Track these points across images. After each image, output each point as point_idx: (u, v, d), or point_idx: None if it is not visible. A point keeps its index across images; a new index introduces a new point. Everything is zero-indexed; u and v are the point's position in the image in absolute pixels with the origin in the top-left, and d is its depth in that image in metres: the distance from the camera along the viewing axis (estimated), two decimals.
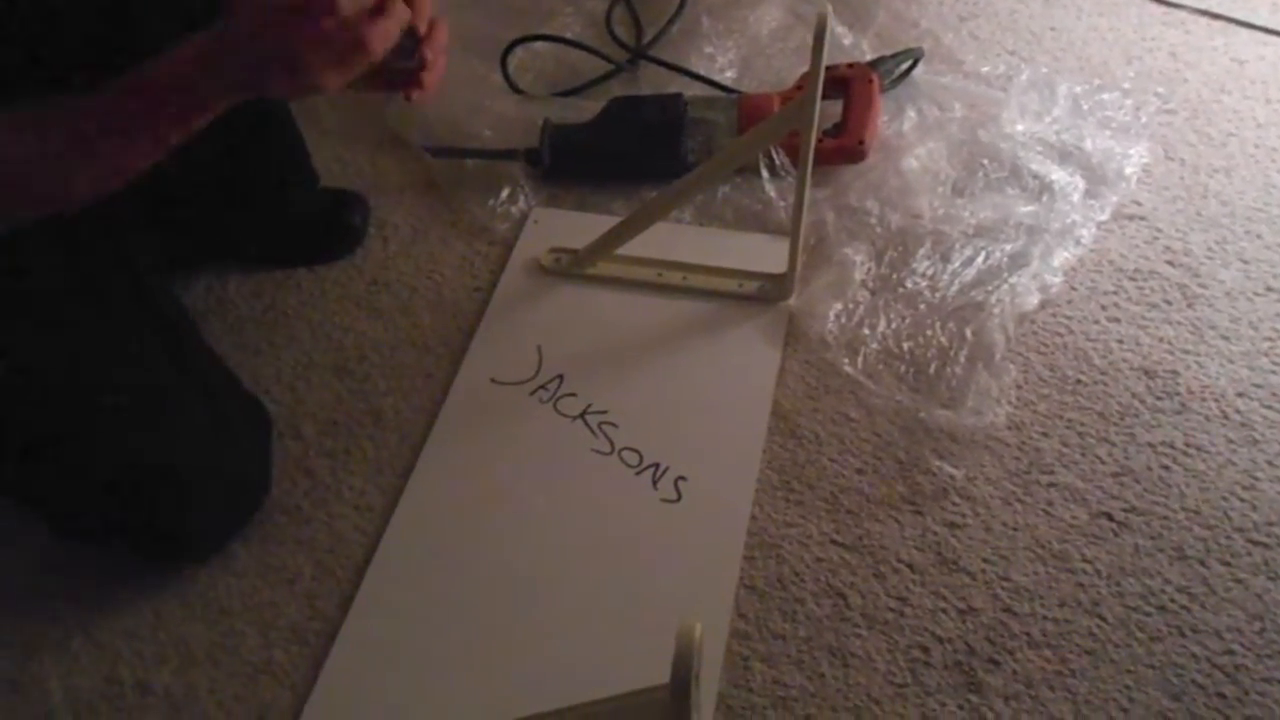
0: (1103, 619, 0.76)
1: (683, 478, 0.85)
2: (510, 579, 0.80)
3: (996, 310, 0.94)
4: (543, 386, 0.92)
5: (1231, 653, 0.74)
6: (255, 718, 0.74)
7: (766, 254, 1.00)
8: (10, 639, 0.79)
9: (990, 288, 0.96)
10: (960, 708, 0.72)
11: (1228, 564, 0.79)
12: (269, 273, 1.03)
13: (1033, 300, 0.96)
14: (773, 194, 1.05)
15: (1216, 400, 0.89)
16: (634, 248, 0.99)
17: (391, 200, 1.10)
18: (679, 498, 0.84)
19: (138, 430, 0.75)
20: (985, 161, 1.07)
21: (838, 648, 0.76)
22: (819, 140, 0.96)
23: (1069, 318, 0.96)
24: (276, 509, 0.85)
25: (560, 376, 0.93)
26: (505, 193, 1.08)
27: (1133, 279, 0.99)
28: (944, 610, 0.77)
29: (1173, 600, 0.77)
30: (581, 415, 0.90)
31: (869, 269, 0.99)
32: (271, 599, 0.80)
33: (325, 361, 0.96)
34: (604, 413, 0.90)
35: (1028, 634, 0.76)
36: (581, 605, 0.78)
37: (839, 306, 0.96)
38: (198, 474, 0.77)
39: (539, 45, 1.21)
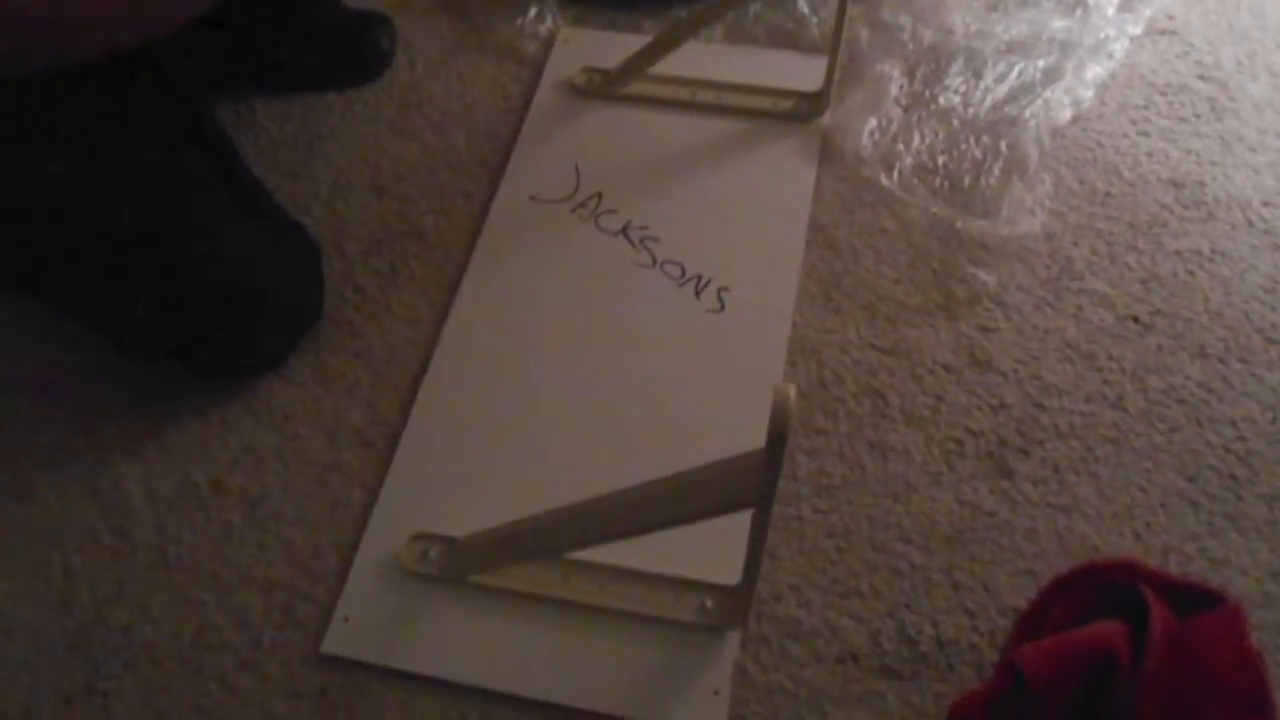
0: (1126, 412, 0.81)
1: (725, 289, 0.87)
2: (560, 385, 0.83)
3: (1031, 124, 0.95)
4: (582, 204, 0.93)
5: (1244, 439, 0.79)
6: (328, 510, 0.78)
7: (800, 72, 1.00)
8: (81, 445, 0.82)
9: (1024, 103, 0.96)
10: (991, 492, 0.77)
11: (1245, 361, 0.83)
12: (298, 96, 1.02)
13: (1065, 114, 0.96)
14: (805, 10, 1.04)
15: (1242, 209, 0.91)
16: (666, 67, 0.98)
17: (416, 22, 1.08)
18: (722, 308, 0.87)
19: (200, 249, 0.77)
20: None
21: (877, 441, 0.80)
22: None
23: (1099, 132, 0.97)
24: (329, 323, 0.87)
25: (599, 194, 0.94)
26: (532, 12, 1.06)
27: (1163, 93, 0.99)
28: (977, 407, 0.81)
29: (1192, 394, 0.82)
30: (623, 230, 0.91)
31: (902, 85, 0.99)
32: (333, 406, 0.83)
33: (362, 182, 0.96)
34: (644, 228, 0.91)
35: (1055, 426, 0.80)
36: (630, 409, 0.82)
37: (873, 123, 0.96)
38: (257, 291, 0.79)
39: None
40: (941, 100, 0.98)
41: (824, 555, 0.75)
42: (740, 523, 0.59)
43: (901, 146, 0.95)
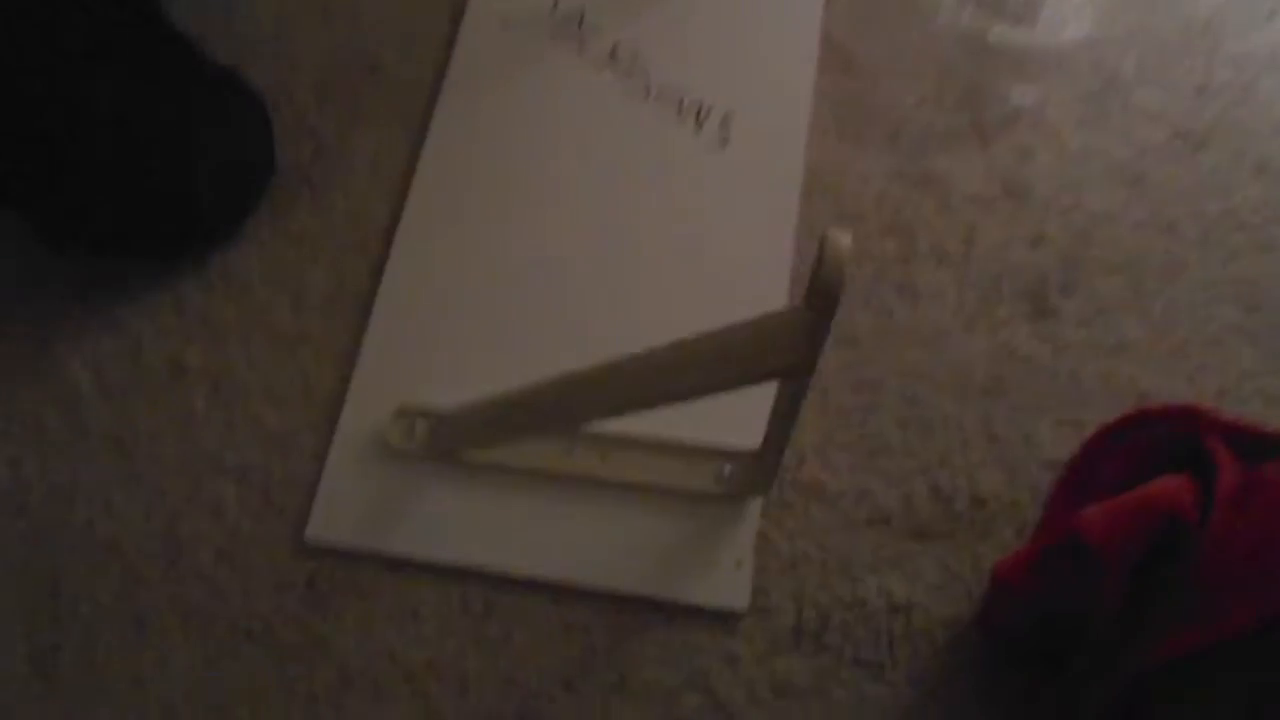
0: (1179, 239, 0.73)
1: (729, 117, 0.77)
2: (548, 239, 0.74)
3: None
4: (562, 25, 0.82)
5: None
6: (299, 386, 0.71)
7: None
8: (18, 331, 0.73)
9: None
10: (1032, 335, 0.70)
11: None
12: None
13: None
14: None
15: None
16: None
17: None
18: (726, 142, 0.77)
19: (120, 115, 0.66)
20: None
21: (905, 284, 0.72)
22: None
23: None
24: (284, 179, 0.77)
25: (581, 12, 0.82)
26: None
27: None
28: (1014, 241, 0.73)
29: (1251, 217, 0.73)
30: (610, 54, 0.80)
31: None
32: (296, 272, 0.74)
33: (309, 12, 0.84)
34: (635, 50, 0.80)
35: (1101, 259, 0.72)
36: (629, 259, 0.73)
37: None
38: (195, 154, 0.69)
39: None
40: None
41: (850, 412, 0.68)
42: None
43: None
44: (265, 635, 0.64)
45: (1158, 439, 0.61)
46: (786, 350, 0.44)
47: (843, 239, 0.40)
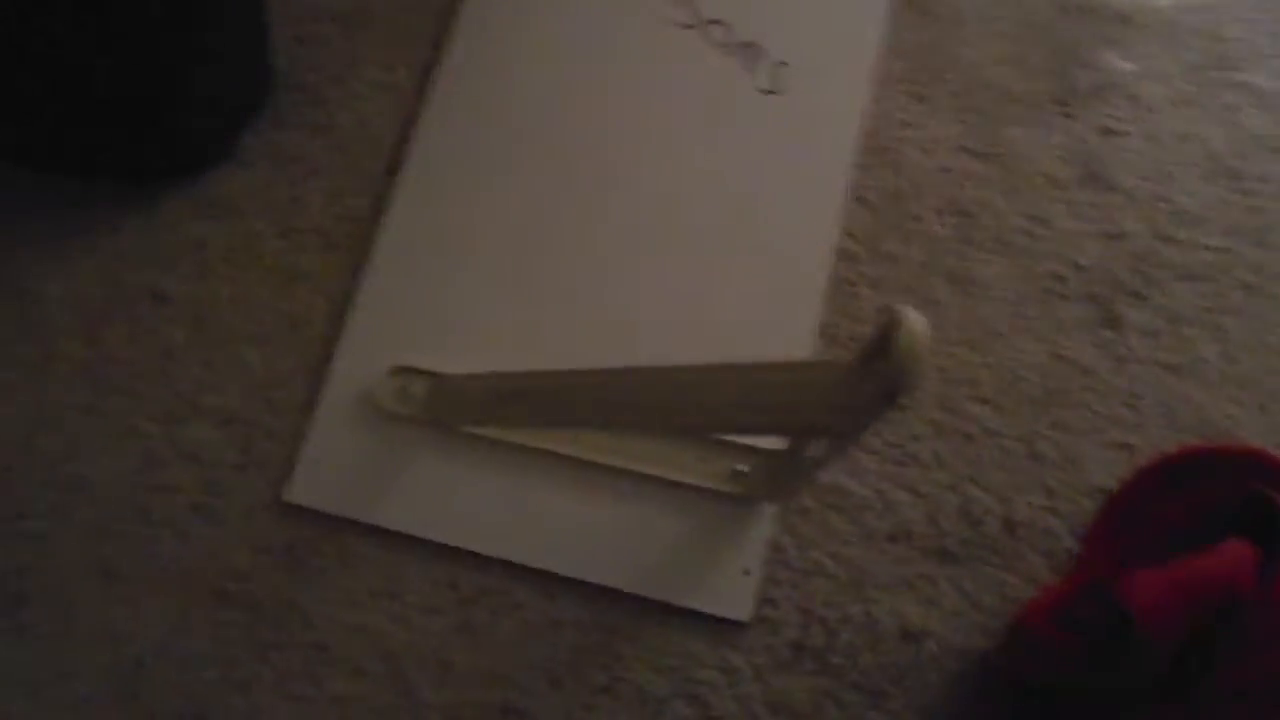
0: (1271, 250, 0.65)
1: (783, 63, 0.69)
2: (574, 181, 0.67)
3: None
4: None
5: None
6: (287, 327, 0.65)
7: None
8: None
9: None
10: (1093, 344, 0.64)
11: None
12: None
13: None
14: None
15: None
16: None
17: None
18: (777, 87, 0.68)
19: (100, 24, 0.57)
20: None
21: (959, 273, 0.65)
22: None
23: None
24: (282, 90, 0.69)
25: None
26: None
27: None
28: (1088, 234, 0.66)
29: None
30: None
31: None
32: (291, 194, 0.67)
33: None
34: None
35: (1181, 265, 0.65)
36: (659, 208, 0.66)
37: None
38: (185, 61, 0.61)
39: None
40: None
41: None
42: None
43: None
44: (241, 597, 0.60)
45: (1219, 489, 0.56)
46: (833, 413, 0.38)
47: (919, 325, 0.34)
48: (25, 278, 0.66)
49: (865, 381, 0.37)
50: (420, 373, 0.62)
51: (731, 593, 0.59)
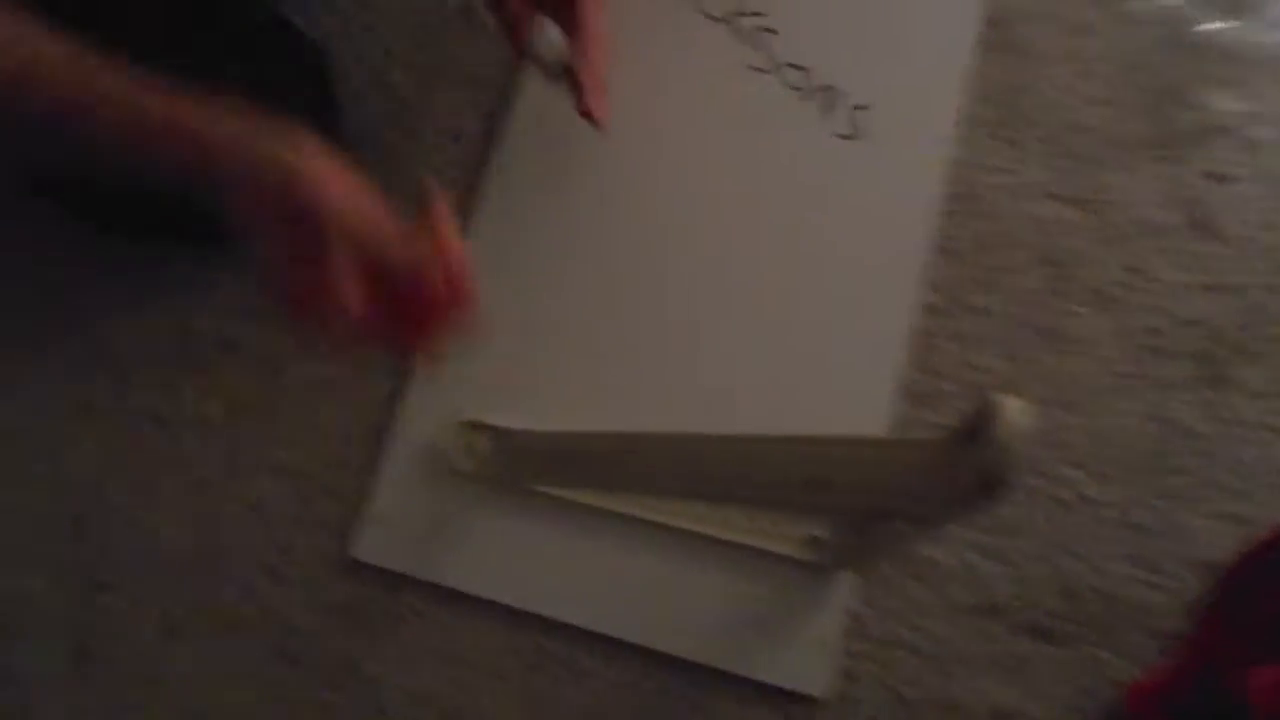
0: None
1: (862, 106, 0.66)
2: (646, 230, 0.65)
3: None
4: None
5: None
6: (352, 378, 0.64)
7: None
8: (56, 306, 0.67)
9: None
10: (1197, 405, 0.60)
11: None
12: None
13: None
14: None
15: None
16: None
17: None
18: (856, 132, 0.66)
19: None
20: None
21: (1048, 328, 0.62)
22: None
23: None
24: (352, 144, 0.69)
25: None
26: None
27: None
28: (1192, 286, 0.62)
29: None
30: (732, 17, 0.69)
31: None
32: None
33: None
34: (760, 15, 0.68)
35: None
36: (732, 262, 0.64)
37: None
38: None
39: None
40: None
41: None
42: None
43: None
44: (301, 654, 0.60)
45: None
46: (915, 499, 0.35)
47: (1021, 416, 0.31)
48: (100, 330, 0.66)
49: (956, 468, 0.34)
50: (487, 428, 0.61)
51: (806, 666, 0.56)
